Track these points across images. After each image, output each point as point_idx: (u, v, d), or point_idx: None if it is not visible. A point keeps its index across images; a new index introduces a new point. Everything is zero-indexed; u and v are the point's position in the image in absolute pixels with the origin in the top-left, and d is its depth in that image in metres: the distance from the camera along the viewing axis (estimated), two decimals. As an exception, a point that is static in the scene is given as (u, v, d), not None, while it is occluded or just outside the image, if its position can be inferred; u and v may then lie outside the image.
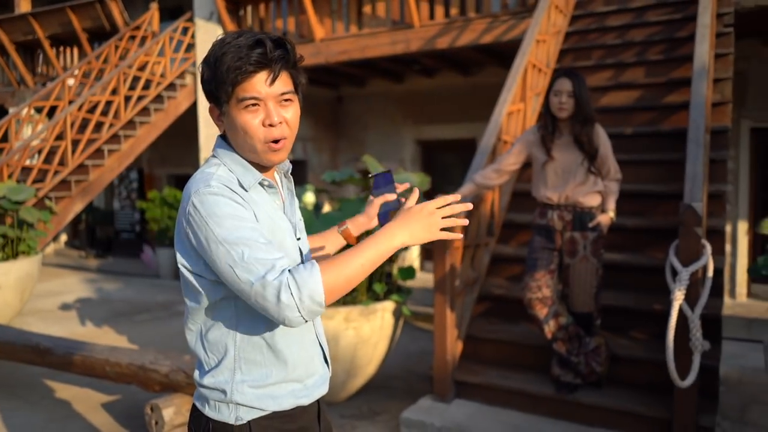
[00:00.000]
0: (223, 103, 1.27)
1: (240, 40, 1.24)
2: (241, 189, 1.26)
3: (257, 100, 1.24)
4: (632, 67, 5.02)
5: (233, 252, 1.17)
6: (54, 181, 6.91)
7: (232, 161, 1.31)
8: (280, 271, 1.15)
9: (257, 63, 1.22)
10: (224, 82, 1.23)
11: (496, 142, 4.09)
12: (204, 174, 1.28)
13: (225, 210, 1.20)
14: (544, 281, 3.15)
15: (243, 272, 1.16)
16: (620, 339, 3.49)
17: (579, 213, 3.15)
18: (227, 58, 1.23)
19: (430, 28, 6.68)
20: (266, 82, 1.24)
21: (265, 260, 1.16)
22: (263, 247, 1.18)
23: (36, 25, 9.37)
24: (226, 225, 1.19)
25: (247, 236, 1.18)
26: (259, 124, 1.25)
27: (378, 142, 9.14)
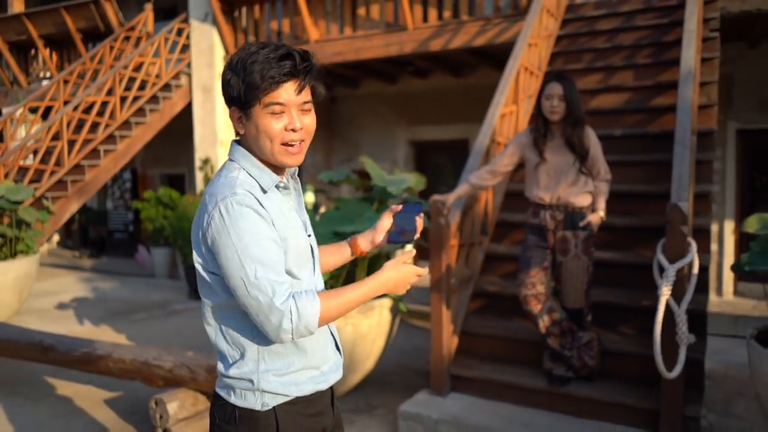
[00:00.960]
0: (249, 106, 1.36)
1: (266, 51, 1.34)
2: (261, 193, 1.36)
3: (283, 106, 1.35)
4: (621, 70, 5.15)
5: (247, 267, 1.29)
6: (51, 181, 6.96)
7: (250, 164, 1.41)
8: (286, 296, 1.30)
9: (289, 73, 1.34)
10: (256, 88, 1.33)
11: (490, 143, 4.20)
12: (229, 179, 1.37)
13: (248, 223, 1.30)
14: (538, 278, 3.26)
15: (253, 289, 1.28)
16: (610, 334, 3.61)
17: (570, 213, 3.26)
18: (257, 66, 1.32)
19: (424, 30, 6.78)
20: (294, 91, 1.35)
21: (274, 282, 1.29)
22: (275, 267, 1.31)
23: (30, 25, 9.39)
24: (246, 239, 1.29)
25: (262, 255, 1.30)
26: (281, 128, 1.36)
27: (372, 142, 9.24)
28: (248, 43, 1.40)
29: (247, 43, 1.41)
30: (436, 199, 3.53)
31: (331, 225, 3.58)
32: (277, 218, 1.37)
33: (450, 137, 8.63)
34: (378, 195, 3.97)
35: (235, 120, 1.42)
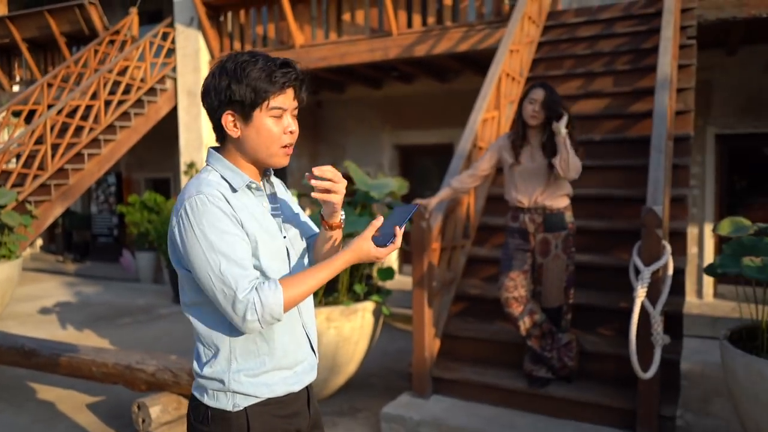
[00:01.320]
0: (252, 109, 1.41)
1: (264, 60, 1.41)
2: (230, 192, 1.41)
3: (284, 110, 1.43)
4: (601, 76, 5.24)
5: (212, 262, 1.33)
6: (34, 185, 6.92)
7: (223, 167, 1.47)
8: (250, 288, 1.32)
9: (292, 81, 1.43)
10: (266, 91, 1.39)
11: (472, 147, 4.26)
12: (197, 179, 1.44)
13: (212, 219, 1.35)
14: (520, 281, 3.32)
15: (219, 282, 1.33)
16: (588, 335, 3.67)
17: (549, 215, 3.33)
18: (263, 73, 1.39)
19: (408, 36, 6.85)
20: (292, 97, 1.44)
21: (238, 275, 1.32)
22: (240, 262, 1.34)
23: (13, 28, 9.33)
24: (210, 235, 1.34)
25: (226, 249, 1.33)
26: (280, 130, 1.44)
27: (357, 146, 9.28)
28: (235, 52, 1.45)
29: (232, 52, 1.46)
30: (418, 203, 3.58)
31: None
32: (246, 217, 1.41)
33: (434, 141, 8.70)
34: (361, 199, 4.01)
35: (228, 123, 1.44)
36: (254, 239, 1.41)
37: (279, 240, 1.49)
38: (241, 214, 1.39)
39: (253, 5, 7.90)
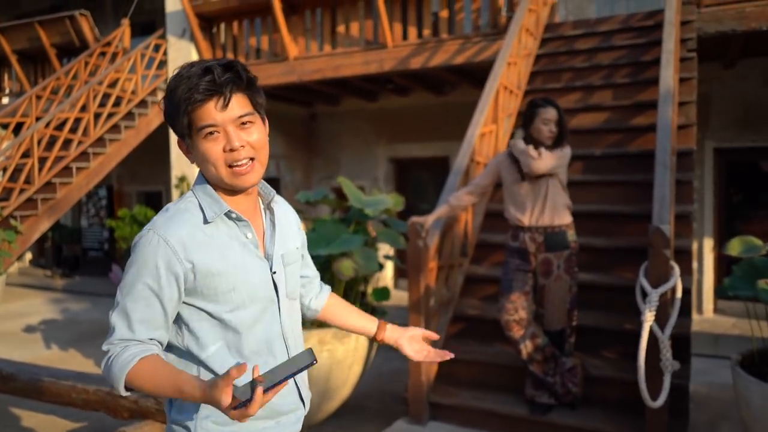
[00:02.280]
0: (185, 135, 1.29)
1: (192, 70, 1.25)
2: (195, 224, 1.27)
3: (214, 127, 1.25)
4: (600, 89, 5.15)
5: (115, 301, 1.28)
6: (20, 199, 6.74)
7: (204, 192, 1.32)
8: (116, 343, 1.24)
9: (206, 91, 1.23)
10: (178, 114, 1.26)
11: (469, 162, 4.14)
12: (168, 209, 1.31)
13: (143, 263, 1.25)
14: (520, 303, 3.18)
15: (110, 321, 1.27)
16: (591, 359, 3.53)
17: (550, 234, 3.19)
18: (179, 90, 1.24)
19: (403, 48, 6.75)
20: (219, 108, 1.24)
21: (120, 325, 1.25)
22: (130, 318, 1.25)
23: (3, 40, 9.19)
24: (129, 274, 1.26)
25: (128, 300, 1.25)
26: (220, 150, 1.26)
27: (352, 160, 9.16)
28: (185, 63, 1.29)
29: (184, 64, 1.31)
30: (414, 221, 3.44)
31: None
32: (210, 254, 1.27)
33: (430, 155, 8.59)
34: (355, 216, 3.87)
35: (184, 151, 1.34)
36: (217, 272, 1.26)
37: (261, 276, 1.33)
38: (200, 256, 1.25)
39: (247, 17, 7.80)
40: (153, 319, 1.25)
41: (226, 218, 1.32)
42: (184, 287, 1.27)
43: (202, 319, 1.30)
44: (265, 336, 1.35)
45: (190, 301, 1.29)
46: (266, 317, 1.36)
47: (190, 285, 1.27)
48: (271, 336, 1.36)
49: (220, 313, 1.29)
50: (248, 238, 1.34)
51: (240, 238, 1.32)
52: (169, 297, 1.25)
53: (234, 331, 1.31)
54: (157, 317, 1.25)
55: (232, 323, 1.30)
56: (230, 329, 1.31)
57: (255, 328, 1.33)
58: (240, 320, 1.30)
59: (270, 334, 1.36)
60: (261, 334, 1.34)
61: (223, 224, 1.31)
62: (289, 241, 1.45)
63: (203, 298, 1.28)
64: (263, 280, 1.34)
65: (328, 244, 3.52)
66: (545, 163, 3.06)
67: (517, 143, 3.15)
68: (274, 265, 1.37)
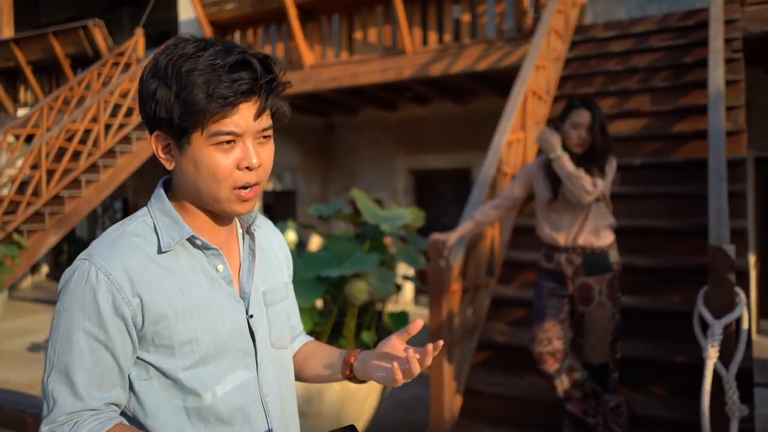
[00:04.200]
0: (185, 134, 0.95)
1: (211, 55, 0.92)
2: (148, 255, 0.98)
3: (235, 136, 0.95)
4: (637, 94, 4.76)
5: (48, 362, 0.96)
6: (27, 213, 6.53)
7: (161, 210, 1.02)
8: (66, 423, 0.93)
9: (248, 91, 0.92)
10: (200, 110, 0.91)
11: (496, 173, 3.78)
12: (110, 233, 1.01)
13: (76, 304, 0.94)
14: (555, 332, 2.79)
15: (42, 391, 0.96)
16: (637, 395, 3.12)
17: (590, 255, 2.80)
18: (200, 77, 0.91)
19: (423, 54, 6.43)
20: (253, 116, 0.95)
21: (60, 397, 0.93)
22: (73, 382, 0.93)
23: (18, 51, 9.10)
24: (62, 324, 0.95)
25: (67, 357, 0.94)
26: (232, 166, 0.96)
27: (370, 172, 8.84)
28: (179, 37, 0.97)
29: (177, 37, 0.97)
30: (436, 238, 3.09)
31: (315, 267, 3.12)
32: (160, 295, 0.97)
33: (452, 166, 8.24)
34: (370, 233, 3.52)
35: (160, 150, 0.99)
36: (171, 324, 0.97)
37: (234, 321, 1.03)
38: (151, 296, 0.96)
39: (261, 24, 7.57)
40: (104, 375, 0.95)
41: (190, 245, 1.01)
42: (136, 335, 0.96)
43: (151, 377, 0.99)
44: (239, 400, 1.02)
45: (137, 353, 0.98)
46: (238, 375, 1.03)
47: (138, 332, 0.97)
48: (246, 400, 1.03)
49: (175, 371, 0.97)
50: (218, 271, 1.03)
51: (207, 271, 1.02)
52: (122, 347, 0.96)
53: (193, 395, 0.98)
54: (110, 373, 0.95)
55: (189, 384, 0.98)
56: (188, 392, 0.98)
57: (223, 390, 1.00)
58: (201, 380, 0.99)
59: (245, 397, 1.03)
60: (232, 397, 1.01)
61: (185, 253, 1.01)
62: (274, 274, 1.14)
63: (154, 351, 0.98)
64: (235, 326, 1.03)
65: (340, 264, 3.17)
66: (598, 191, 2.68)
67: (564, 164, 2.67)
68: (252, 307, 1.06)
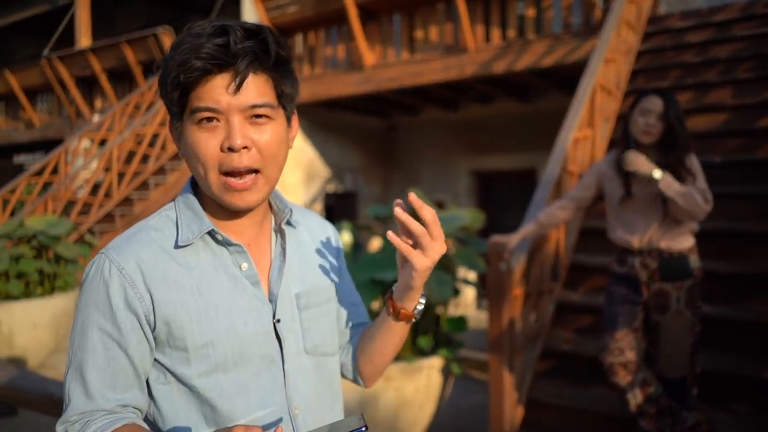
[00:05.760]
0: (175, 115, 0.91)
1: (204, 27, 0.87)
2: (164, 250, 0.92)
3: (215, 112, 0.86)
4: (717, 87, 4.42)
5: (68, 358, 0.91)
6: (99, 214, 6.80)
7: (185, 204, 0.97)
8: (73, 422, 0.88)
9: (211, 58, 0.84)
10: (172, 83, 0.87)
11: (561, 172, 3.58)
12: (134, 227, 0.96)
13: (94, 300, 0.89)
14: (627, 342, 2.58)
15: (63, 388, 0.92)
16: (719, 413, 2.86)
17: (667, 259, 2.57)
18: (178, 51, 0.86)
19: (486, 52, 6.25)
20: (227, 88, 0.85)
21: (74, 395, 0.89)
22: (86, 380, 0.89)
23: (94, 59, 9.52)
24: (79, 325, 0.91)
25: (83, 354, 0.89)
26: (215, 146, 0.88)
27: (432, 173, 8.71)
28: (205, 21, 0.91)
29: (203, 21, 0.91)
30: (496, 240, 2.93)
31: (369, 270, 3.03)
32: (174, 293, 0.90)
33: (515, 167, 7.99)
34: (427, 234, 3.40)
35: (174, 137, 0.95)
36: (185, 326, 0.90)
37: (257, 325, 0.94)
38: (164, 293, 0.90)
39: (323, 26, 7.58)
40: (117, 375, 0.89)
41: (212, 241, 0.95)
42: (151, 334, 0.91)
43: (169, 382, 0.92)
44: (262, 412, 0.93)
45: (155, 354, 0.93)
46: (263, 384, 0.94)
47: (152, 331, 0.91)
48: (271, 411, 0.94)
49: (190, 377, 0.90)
50: (242, 270, 0.95)
51: (230, 269, 0.94)
52: (136, 346, 0.90)
53: (211, 403, 0.90)
54: (124, 373, 0.90)
55: (206, 392, 0.90)
56: (205, 400, 0.90)
57: (243, 401, 0.92)
58: (219, 389, 0.91)
59: (269, 409, 0.94)
60: (255, 409, 0.93)
61: (207, 250, 0.94)
62: (314, 275, 1.05)
63: (170, 353, 0.91)
64: (258, 331, 0.94)
65: (395, 267, 3.06)
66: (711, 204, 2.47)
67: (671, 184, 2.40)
68: (280, 310, 0.97)
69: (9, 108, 11.79)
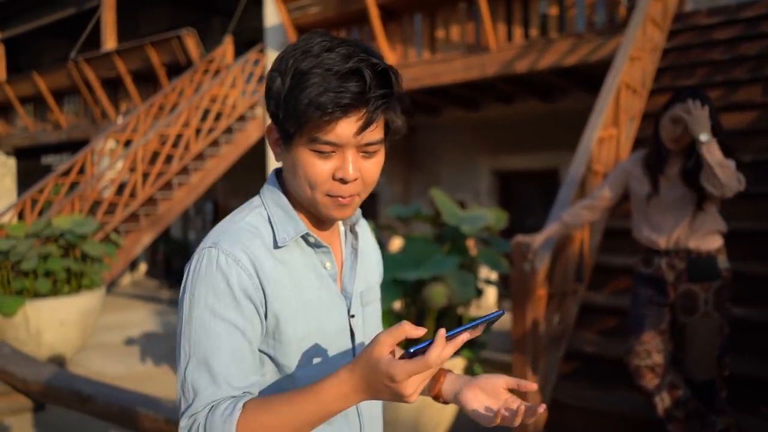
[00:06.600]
0: (287, 131, 0.94)
1: (330, 59, 0.88)
2: (266, 248, 0.96)
3: (335, 146, 0.92)
4: (746, 85, 4.34)
5: (183, 350, 0.93)
6: (124, 213, 6.90)
7: (276, 205, 1.01)
8: (204, 408, 0.90)
9: (350, 105, 0.87)
10: (298, 115, 0.89)
11: (586, 172, 3.54)
12: (232, 221, 0.99)
13: (210, 291, 0.92)
14: (654, 345, 2.55)
15: (178, 384, 0.94)
16: (748, 417, 2.80)
17: (694, 260, 2.53)
18: (309, 82, 0.88)
19: (508, 51, 6.21)
20: (354, 130, 0.90)
21: (201, 386, 0.90)
22: (212, 368, 0.91)
23: (119, 61, 9.67)
24: (196, 313, 0.92)
25: (205, 345, 0.91)
26: (327, 174, 0.93)
27: (453, 173, 8.69)
28: (315, 31, 0.94)
29: (313, 31, 0.94)
30: (520, 240, 2.91)
31: (392, 269, 3.02)
32: (279, 291, 0.96)
33: (537, 167, 7.93)
34: (450, 235, 3.39)
35: (272, 141, 0.99)
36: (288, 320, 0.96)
37: (338, 320, 1.02)
38: (272, 287, 0.95)
39: (344, 26, 7.60)
40: (242, 362, 0.93)
41: (302, 241, 1.02)
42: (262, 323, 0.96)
43: (265, 372, 0.98)
44: None
45: None
46: None
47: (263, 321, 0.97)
48: None
49: (289, 368, 0.97)
50: (326, 269, 1.03)
51: (317, 268, 1.02)
52: (254, 333, 0.94)
53: None
54: (247, 360, 0.94)
55: (297, 383, 0.97)
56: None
57: None
58: (310, 380, 0.94)
59: None
60: None
61: (298, 249, 1.01)
62: (370, 274, 1.14)
63: (272, 344, 0.97)
64: (339, 326, 1.03)
65: (417, 266, 3.06)
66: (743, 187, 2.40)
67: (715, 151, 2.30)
68: (353, 306, 1.06)
69: (37, 110, 12.03)
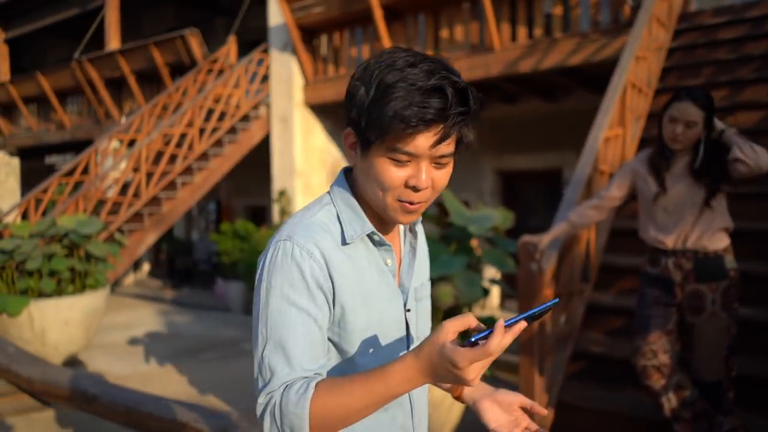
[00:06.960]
0: (366, 137, 1.00)
1: (414, 74, 0.95)
2: (336, 243, 1.04)
3: (411, 156, 0.98)
4: (752, 84, 4.33)
5: (260, 335, 1.00)
6: (128, 213, 6.90)
7: (345, 204, 1.08)
8: (279, 387, 0.96)
9: (432, 120, 0.94)
10: (383, 125, 0.95)
11: (592, 172, 3.53)
12: (304, 216, 1.06)
13: (286, 280, 1.00)
14: (660, 345, 2.54)
15: (256, 365, 1.01)
16: (756, 418, 2.80)
17: (702, 259, 2.53)
18: (394, 95, 0.94)
19: (512, 50, 6.20)
20: (431, 142, 0.96)
21: (277, 367, 0.98)
22: (287, 350, 0.98)
23: (123, 61, 9.68)
24: (273, 300, 1.00)
25: (281, 330, 0.99)
26: (401, 181, 1.00)
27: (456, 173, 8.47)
28: (397, 47, 1.01)
29: (396, 47, 1.03)
30: (526, 240, 2.91)
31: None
32: (346, 284, 1.03)
33: (541, 167, 7.92)
34: (457, 235, 3.38)
35: (348, 144, 1.06)
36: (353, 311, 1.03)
37: (396, 314, 1.09)
38: (340, 279, 1.03)
39: (348, 26, 7.60)
40: (313, 347, 1.00)
41: (367, 238, 1.08)
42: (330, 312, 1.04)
43: (330, 358, 1.05)
44: None
45: None
46: None
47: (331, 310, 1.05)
48: None
49: (351, 356, 1.05)
50: (387, 265, 1.09)
51: (379, 264, 1.09)
52: (324, 320, 1.02)
53: None
54: (318, 345, 1.01)
55: (359, 370, 1.02)
56: None
57: None
58: (368, 366, 1.03)
59: None
60: None
61: (363, 245, 1.08)
62: (424, 271, 1.22)
63: (337, 332, 1.05)
64: (396, 319, 1.10)
65: (424, 266, 3.06)
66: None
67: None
68: (409, 301, 1.13)
69: (41, 109, 12.06)
